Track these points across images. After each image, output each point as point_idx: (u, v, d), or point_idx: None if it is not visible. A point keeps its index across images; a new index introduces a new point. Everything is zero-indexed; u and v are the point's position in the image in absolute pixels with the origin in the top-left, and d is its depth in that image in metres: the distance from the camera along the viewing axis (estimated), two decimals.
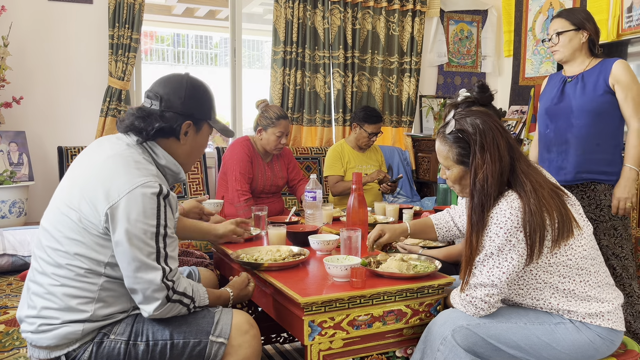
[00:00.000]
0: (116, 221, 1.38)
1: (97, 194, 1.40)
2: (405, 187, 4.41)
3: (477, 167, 1.52)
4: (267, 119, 2.93)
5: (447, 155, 1.60)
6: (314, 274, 1.74)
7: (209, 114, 1.63)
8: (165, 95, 1.53)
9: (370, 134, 3.49)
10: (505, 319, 1.52)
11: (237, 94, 4.32)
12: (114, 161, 1.46)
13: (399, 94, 4.63)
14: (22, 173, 3.30)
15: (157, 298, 1.41)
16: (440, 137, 1.62)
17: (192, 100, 1.56)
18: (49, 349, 1.44)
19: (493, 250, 1.48)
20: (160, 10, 6.30)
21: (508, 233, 1.46)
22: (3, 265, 2.63)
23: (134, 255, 1.38)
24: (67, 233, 1.43)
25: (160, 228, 1.41)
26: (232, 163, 2.89)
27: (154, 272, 1.39)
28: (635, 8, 3.81)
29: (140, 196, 1.38)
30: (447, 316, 1.54)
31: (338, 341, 1.53)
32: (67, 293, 1.42)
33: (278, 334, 2.58)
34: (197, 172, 3.82)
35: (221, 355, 1.50)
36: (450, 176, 1.62)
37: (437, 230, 1.94)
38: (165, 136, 1.55)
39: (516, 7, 4.82)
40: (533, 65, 4.69)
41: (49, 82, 3.65)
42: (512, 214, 1.46)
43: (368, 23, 4.46)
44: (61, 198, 1.49)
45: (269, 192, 3.04)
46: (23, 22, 3.54)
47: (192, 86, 1.58)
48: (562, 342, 1.50)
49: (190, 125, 1.56)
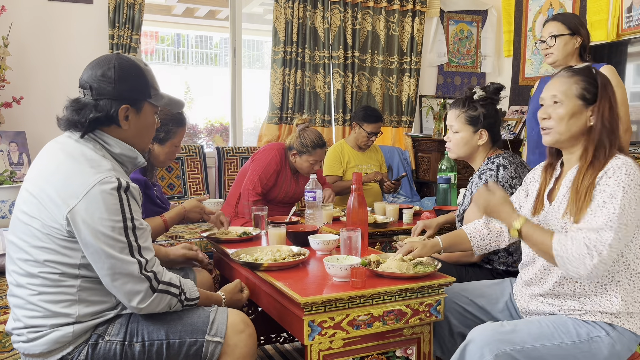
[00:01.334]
0: (79, 224, 1.34)
1: (55, 200, 1.36)
2: (405, 187, 4.41)
3: (604, 106, 1.51)
4: (304, 145, 2.83)
5: (569, 87, 1.55)
6: (314, 274, 1.74)
7: (146, 92, 1.52)
8: (94, 83, 1.46)
9: (370, 133, 3.48)
10: (549, 340, 1.48)
11: (237, 94, 4.32)
12: (65, 164, 1.41)
13: (399, 94, 4.63)
14: (22, 173, 3.30)
15: (139, 291, 1.38)
16: (565, 72, 1.59)
17: (124, 83, 1.46)
18: (42, 355, 1.41)
19: (609, 198, 1.43)
20: (160, 10, 6.30)
21: (625, 191, 1.42)
22: (3, 265, 2.63)
23: (107, 253, 1.34)
24: (32, 242, 1.39)
25: (127, 222, 1.37)
26: (259, 165, 2.87)
27: (131, 265, 1.37)
28: (635, 8, 3.81)
29: (100, 194, 1.34)
30: (489, 337, 1.47)
31: (338, 341, 1.53)
32: (47, 300, 1.39)
33: (278, 334, 2.58)
34: (197, 172, 3.82)
35: (218, 354, 1.49)
36: (557, 112, 1.55)
37: (471, 240, 1.86)
38: (106, 125, 1.47)
39: (516, 7, 4.82)
40: (533, 66, 4.69)
41: (49, 82, 3.65)
42: (628, 172, 1.44)
43: (368, 23, 4.46)
44: (21, 209, 1.44)
45: (286, 202, 3.03)
46: (23, 22, 3.54)
47: (122, 68, 1.47)
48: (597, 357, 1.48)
49: (128, 109, 1.47)
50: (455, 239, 1.88)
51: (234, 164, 3.97)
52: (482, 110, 2.11)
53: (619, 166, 1.46)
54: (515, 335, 1.48)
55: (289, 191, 2.99)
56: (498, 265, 2.07)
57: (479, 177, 2.08)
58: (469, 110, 2.12)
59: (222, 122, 5.78)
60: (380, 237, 2.51)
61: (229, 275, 2.12)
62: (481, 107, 2.11)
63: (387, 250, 2.51)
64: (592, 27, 4.13)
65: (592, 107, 1.54)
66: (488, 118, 2.11)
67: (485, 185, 1.65)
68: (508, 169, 2.04)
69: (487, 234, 1.85)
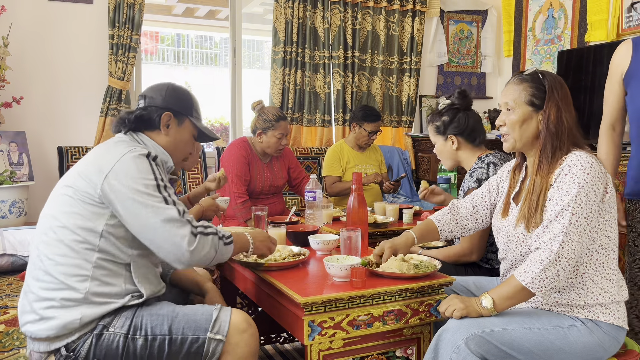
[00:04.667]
0: (115, 188, 1.45)
1: (91, 169, 1.50)
2: (405, 187, 4.41)
3: (551, 110, 1.55)
4: (266, 121, 2.89)
5: (519, 95, 1.59)
6: (314, 274, 1.74)
7: (190, 111, 1.73)
8: (149, 93, 1.70)
9: (370, 132, 3.49)
10: (519, 324, 1.50)
11: (237, 94, 4.32)
12: (104, 145, 1.60)
13: (399, 94, 4.64)
14: (22, 173, 3.31)
15: (184, 234, 1.44)
16: (515, 79, 1.63)
17: (172, 97, 1.69)
18: (48, 340, 1.45)
19: (566, 204, 1.46)
20: (160, 10, 6.30)
21: (580, 186, 1.46)
22: (3, 265, 2.63)
23: (146, 204, 1.44)
24: (63, 208, 1.50)
25: (159, 181, 1.49)
26: (229, 165, 2.88)
27: (171, 210, 1.46)
28: (635, 8, 3.81)
29: (131, 159, 1.48)
30: (460, 323, 1.51)
31: (338, 341, 1.53)
32: (63, 271, 1.46)
33: (278, 334, 2.58)
34: (197, 172, 3.82)
35: (219, 352, 1.50)
36: (511, 119, 1.60)
37: (440, 232, 1.89)
38: (148, 127, 1.67)
39: (516, 7, 4.82)
40: (533, 65, 4.69)
41: (48, 82, 3.65)
42: (584, 167, 1.47)
43: (368, 23, 4.46)
44: (58, 185, 1.58)
45: (268, 192, 3.03)
46: (23, 22, 3.54)
47: (174, 88, 1.72)
48: (575, 346, 1.49)
49: (170, 117, 1.67)
50: (427, 230, 1.88)
51: None
52: (445, 119, 2.21)
53: (574, 162, 1.50)
54: (486, 319, 1.51)
55: (266, 180, 3.00)
56: (497, 265, 2.08)
57: (470, 175, 2.13)
58: (435, 122, 2.25)
59: (222, 122, 5.78)
60: (380, 237, 2.51)
61: (229, 275, 2.12)
62: (445, 116, 2.22)
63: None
64: (592, 27, 4.13)
65: (541, 112, 1.58)
66: (452, 123, 2.19)
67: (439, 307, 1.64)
68: (499, 166, 2.09)
69: (455, 226, 1.87)
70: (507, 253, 1.68)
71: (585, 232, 1.46)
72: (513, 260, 1.66)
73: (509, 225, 1.65)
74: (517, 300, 1.51)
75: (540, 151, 1.58)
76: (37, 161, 3.56)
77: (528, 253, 1.57)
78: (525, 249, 1.59)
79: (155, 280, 1.61)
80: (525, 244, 1.58)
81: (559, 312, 1.55)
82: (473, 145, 2.21)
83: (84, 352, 1.45)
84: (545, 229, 1.49)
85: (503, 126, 1.64)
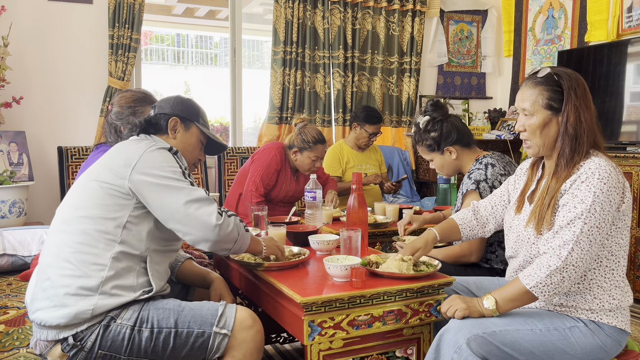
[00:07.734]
0: (144, 178, 1.54)
1: (117, 162, 1.58)
2: (405, 187, 4.41)
3: (570, 112, 1.51)
4: (304, 142, 2.84)
5: (536, 99, 1.55)
6: (314, 274, 1.74)
7: (196, 117, 1.81)
8: (158, 104, 1.81)
9: (371, 134, 3.49)
10: (521, 325, 1.50)
11: (237, 94, 4.32)
12: (124, 143, 1.69)
13: (399, 94, 4.63)
14: (22, 173, 3.30)
15: (212, 211, 1.54)
16: (529, 82, 1.59)
17: (179, 105, 1.80)
18: (58, 328, 1.47)
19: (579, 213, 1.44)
20: (160, 10, 6.30)
21: (596, 195, 1.44)
22: (3, 265, 2.63)
23: (175, 187, 1.53)
24: (87, 200, 1.57)
25: (183, 169, 1.60)
26: (259, 165, 2.86)
27: (198, 191, 1.56)
28: (635, 8, 3.81)
29: (156, 150, 1.60)
30: (461, 323, 1.50)
31: (338, 341, 1.53)
32: (83, 259, 1.49)
33: (278, 334, 2.58)
34: (197, 171, 3.82)
35: (224, 347, 1.52)
36: (530, 124, 1.56)
37: (462, 231, 1.88)
38: (158, 132, 1.76)
39: (516, 7, 4.82)
40: (533, 65, 4.69)
41: (48, 82, 3.65)
42: (601, 176, 1.45)
43: (368, 23, 4.46)
44: (80, 180, 1.65)
45: (287, 202, 3.02)
46: (23, 22, 3.54)
47: (182, 98, 1.83)
48: (576, 347, 1.49)
49: (177, 121, 1.76)
50: (449, 229, 1.87)
51: (234, 164, 3.98)
52: (434, 134, 2.17)
53: (592, 171, 1.47)
54: (487, 320, 1.51)
55: (289, 190, 2.99)
56: (496, 265, 2.08)
57: (468, 177, 2.13)
58: (425, 141, 2.20)
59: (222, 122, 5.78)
60: (380, 237, 2.51)
61: (229, 275, 2.12)
62: (432, 132, 2.17)
63: (387, 250, 2.51)
64: (592, 27, 4.13)
65: (560, 114, 1.55)
66: (443, 136, 2.16)
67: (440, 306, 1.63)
68: (497, 167, 2.08)
69: (476, 225, 1.87)
70: (517, 252, 1.66)
71: (597, 241, 1.45)
72: (522, 262, 1.64)
73: (520, 224, 1.64)
74: (520, 302, 1.51)
75: (558, 154, 1.54)
76: (37, 161, 3.56)
77: (537, 256, 1.56)
78: (535, 251, 1.57)
79: (165, 277, 1.66)
80: (535, 246, 1.57)
81: (562, 312, 1.55)
82: (469, 149, 2.20)
83: (90, 343, 1.47)
84: (555, 235, 1.48)
85: (524, 132, 1.60)
